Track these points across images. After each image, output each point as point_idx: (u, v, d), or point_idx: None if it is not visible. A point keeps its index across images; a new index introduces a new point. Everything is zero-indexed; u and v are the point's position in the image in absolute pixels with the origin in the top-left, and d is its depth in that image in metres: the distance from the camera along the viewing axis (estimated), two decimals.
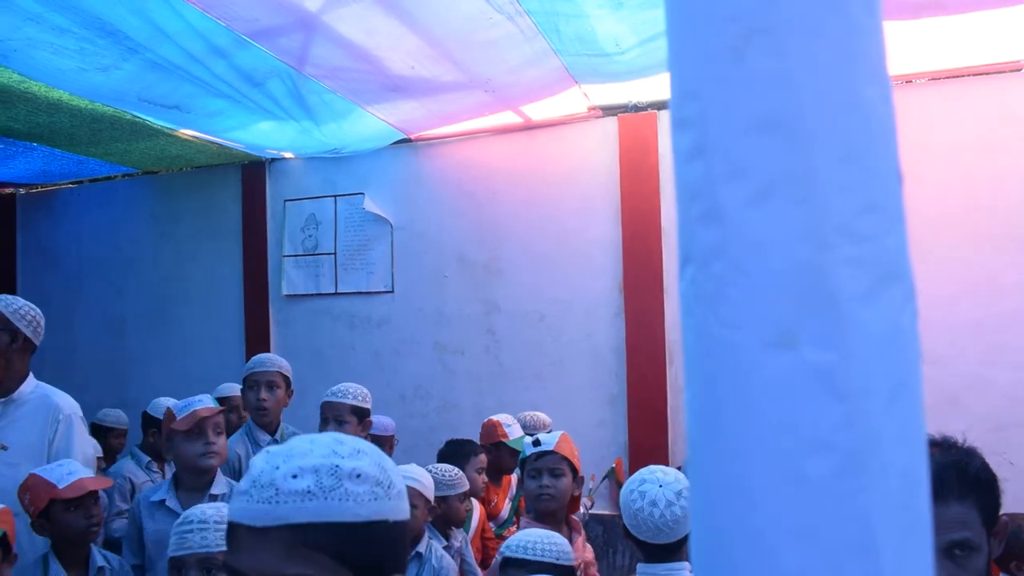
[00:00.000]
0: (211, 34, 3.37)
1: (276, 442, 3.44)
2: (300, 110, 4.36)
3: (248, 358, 5.52)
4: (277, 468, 0.96)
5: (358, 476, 0.97)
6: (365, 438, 3.43)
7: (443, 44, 3.63)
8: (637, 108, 4.65)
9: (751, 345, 0.53)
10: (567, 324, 4.82)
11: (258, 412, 3.41)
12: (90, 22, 3.19)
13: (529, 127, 4.90)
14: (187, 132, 4.82)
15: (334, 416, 3.35)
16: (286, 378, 3.51)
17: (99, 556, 2.64)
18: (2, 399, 3.08)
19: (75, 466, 2.71)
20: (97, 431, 4.67)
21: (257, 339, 5.62)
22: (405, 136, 5.04)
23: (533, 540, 2.28)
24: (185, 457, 2.89)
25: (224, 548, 2.20)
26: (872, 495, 0.52)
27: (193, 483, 2.92)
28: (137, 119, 4.45)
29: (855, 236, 0.53)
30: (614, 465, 4.51)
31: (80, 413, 3.25)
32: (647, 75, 4.10)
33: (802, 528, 0.52)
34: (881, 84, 0.57)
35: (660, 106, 4.61)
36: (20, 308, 3.11)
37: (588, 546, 2.96)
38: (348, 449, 0.99)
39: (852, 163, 0.54)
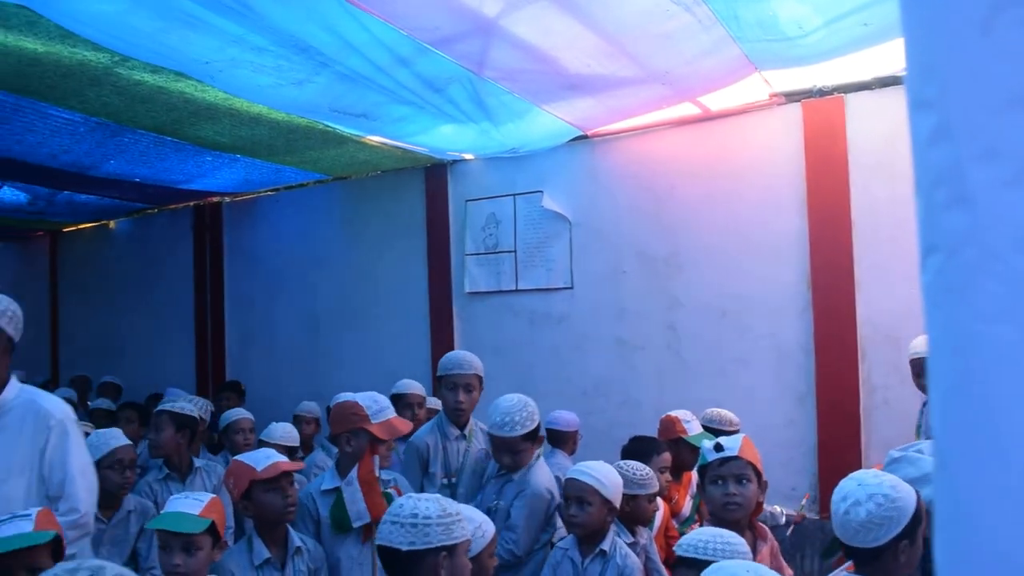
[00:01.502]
0: (395, 44, 3.51)
1: (464, 437, 3.58)
2: (480, 112, 4.46)
3: (434, 354, 5.76)
4: None
5: None
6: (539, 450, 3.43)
7: (619, 40, 3.60)
8: (823, 92, 4.43)
9: (1013, 340, 0.48)
10: (751, 320, 4.66)
11: (455, 413, 3.55)
12: (285, 40, 3.41)
13: (708, 118, 4.78)
14: (374, 138, 5.05)
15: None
16: (480, 379, 3.60)
17: (296, 538, 2.84)
18: None
19: (273, 452, 2.91)
20: (295, 423, 5.02)
21: (442, 335, 5.81)
22: (582, 133, 5.05)
23: (706, 539, 2.22)
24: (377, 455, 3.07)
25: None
26: None
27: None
28: (328, 128, 4.72)
29: None
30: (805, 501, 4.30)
31: (73, 417, 2.88)
32: (833, 57, 3.91)
33: None
34: None
35: (847, 89, 4.38)
36: None
37: (780, 557, 2.80)
38: None
39: None
